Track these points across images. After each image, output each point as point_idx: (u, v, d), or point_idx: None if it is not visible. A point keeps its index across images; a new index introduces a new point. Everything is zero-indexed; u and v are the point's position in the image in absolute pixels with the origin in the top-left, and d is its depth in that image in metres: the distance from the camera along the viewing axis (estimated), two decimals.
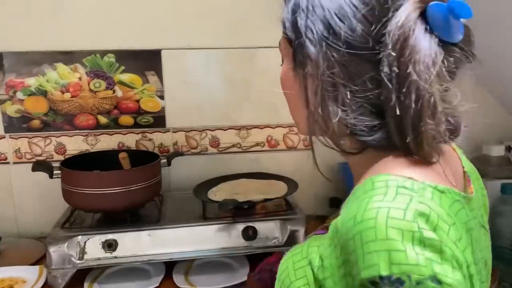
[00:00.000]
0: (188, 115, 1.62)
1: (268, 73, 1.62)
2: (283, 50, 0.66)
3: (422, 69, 0.50)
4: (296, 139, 1.68)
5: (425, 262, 0.45)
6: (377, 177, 0.52)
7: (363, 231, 0.47)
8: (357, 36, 0.54)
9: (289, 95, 0.67)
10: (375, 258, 0.45)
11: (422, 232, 0.46)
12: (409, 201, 0.48)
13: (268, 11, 1.56)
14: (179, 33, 1.57)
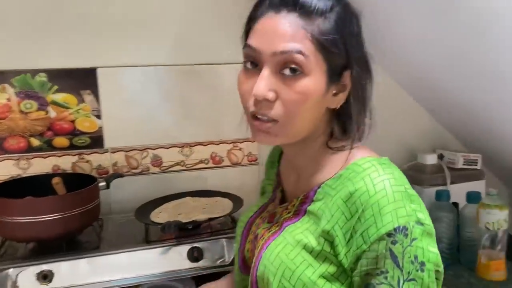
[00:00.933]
0: (127, 134, 1.57)
1: (210, 89, 1.62)
2: (311, 63, 0.65)
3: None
4: (240, 155, 1.68)
5: (413, 212, 0.64)
6: (359, 161, 0.69)
7: (379, 199, 0.63)
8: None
9: (309, 108, 0.68)
10: (389, 217, 0.62)
11: (407, 190, 0.66)
12: (393, 171, 0.68)
13: (208, 27, 1.58)
14: (115, 51, 1.52)
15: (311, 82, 0.65)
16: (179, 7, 1.55)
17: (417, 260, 0.62)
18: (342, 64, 0.68)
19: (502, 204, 1.34)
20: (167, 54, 1.57)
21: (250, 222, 0.86)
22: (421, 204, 0.67)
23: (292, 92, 0.66)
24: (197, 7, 1.57)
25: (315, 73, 0.66)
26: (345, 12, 0.68)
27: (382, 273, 0.62)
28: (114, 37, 1.51)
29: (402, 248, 0.62)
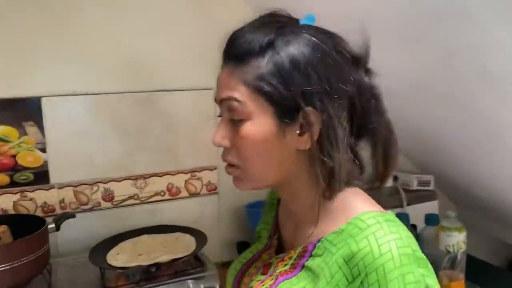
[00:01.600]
0: (75, 168, 1.44)
1: (165, 117, 1.54)
2: (249, 108, 0.64)
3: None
4: (199, 185, 1.60)
5: (421, 277, 0.59)
6: (363, 215, 0.63)
7: (385, 263, 0.58)
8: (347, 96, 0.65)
9: (263, 153, 0.65)
10: (395, 283, 0.57)
11: (415, 253, 0.60)
12: (399, 230, 0.61)
13: (162, 53, 1.50)
14: (61, 78, 1.40)
15: (254, 126, 0.64)
16: (130, 31, 1.46)
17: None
18: (293, 103, 0.63)
19: (460, 226, 1.38)
20: (119, 81, 1.47)
21: (243, 270, 0.79)
22: (428, 267, 0.62)
23: (238, 137, 0.66)
24: (149, 32, 1.49)
25: (258, 117, 0.64)
26: (287, 48, 0.63)
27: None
28: (60, 62, 1.39)
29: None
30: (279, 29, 0.64)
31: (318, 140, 0.63)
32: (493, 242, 1.86)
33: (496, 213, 1.69)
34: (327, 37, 0.65)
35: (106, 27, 1.44)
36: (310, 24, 0.67)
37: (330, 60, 0.63)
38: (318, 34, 0.65)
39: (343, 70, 0.64)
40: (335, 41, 0.66)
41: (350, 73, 0.65)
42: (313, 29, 0.66)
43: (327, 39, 0.65)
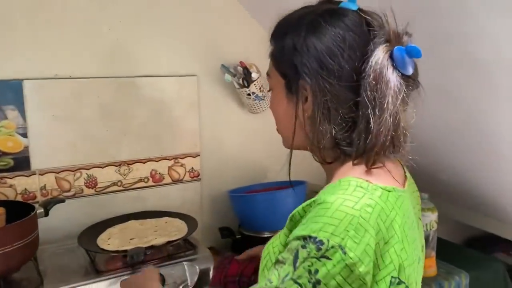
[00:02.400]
0: (57, 154, 1.40)
1: (149, 103, 1.53)
2: (273, 80, 0.80)
3: (392, 94, 0.67)
4: (182, 171, 1.61)
5: (345, 236, 0.61)
6: (344, 178, 0.70)
7: (321, 208, 0.65)
8: (344, 71, 0.71)
9: (281, 117, 0.80)
10: (315, 225, 0.63)
11: (358, 219, 0.63)
12: (362, 196, 0.66)
13: (148, 38, 1.49)
14: (44, 61, 1.35)
15: (275, 95, 0.81)
16: (115, 15, 1.44)
17: (315, 275, 0.61)
18: (293, 75, 0.74)
19: (433, 207, 1.49)
20: (102, 66, 1.44)
21: None
22: (365, 239, 0.62)
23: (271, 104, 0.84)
24: (134, 17, 1.47)
25: (276, 88, 0.79)
26: (296, 34, 0.74)
27: (281, 263, 0.65)
28: (43, 45, 1.35)
29: (307, 255, 0.62)
30: (302, 17, 0.75)
31: (313, 110, 0.73)
32: (452, 223, 2.01)
33: (460, 198, 1.83)
34: (347, 22, 0.72)
35: (90, 11, 1.40)
36: (347, 6, 0.74)
37: (330, 44, 0.71)
38: (336, 21, 0.72)
39: (345, 51, 0.71)
40: (355, 24, 0.72)
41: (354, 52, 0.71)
42: (339, 15, 0.73)
43: (343, 24, 0.72)
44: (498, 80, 1.13)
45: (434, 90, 1.31)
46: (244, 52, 1.62)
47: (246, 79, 1.56)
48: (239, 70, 1.58)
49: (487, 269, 1.61)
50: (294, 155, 0.81)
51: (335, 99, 0.71)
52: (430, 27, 1.11)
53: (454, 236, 2.06)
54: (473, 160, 1.50)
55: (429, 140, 1.57)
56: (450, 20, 1.05)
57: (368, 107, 0.67)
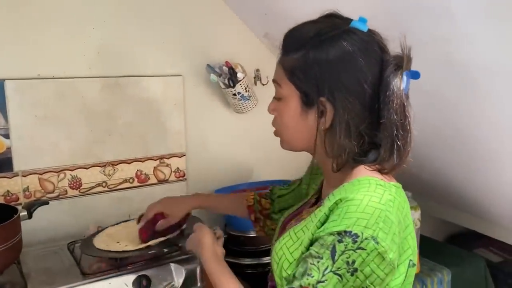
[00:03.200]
0: (41, 155, 1.39)
1: (134, 104, 1.52)
2: (285, 91, 0.82)
3: (410, 117, 0.77)
4: (167, 171, 1.60)
5: (376, 228, 0.69)
6: (362, 178, 0.77)
7: (351, 205, 0.72)
8: (364, 91, 0.76)
9: (290, 125, 0.83)
10: (348, 221, 0.70)
11: (385, 213, 0.71)
12: (383, 192, 0.74)
13: (133, 38, 1.48)
14: (27, 61, 1.33)
15: (286, 105, 0.82)
16: (99, 15, 1.43)
17: (352, 265, 0.68)
18: (314, 93, 0.78)
19: (416, 205, 1.52)
20: (86, 66, 1.43)
21: (287, 221, 0.95)
22: (392, 229, 0.71)
23: (277, 111, 0.86)
24: (119, 16, 1.46)
25: (289, 98, 0.81)
26: (317, 50, 0.77)
27: (318, 257, 0.70)
28: (26, 44, 1.33)
29: (344, 248, 0.68)
30: (321, 33, 0.78)
31: (332, 125, 0.78)
32: (434, 221, 2.05)
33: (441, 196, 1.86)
34: (362, 43, 0.77)
35: (74, 10, 1.39)
36: (358, 27, 0.78)
37: (352, 65, 0.76)
38: (353, 42, 0.76)
39: (363, 73, 0.76)
40: (369, 45, 0.77)
41: (372, 73, 0.76)
42: (354, 35, 0.77)
43: (360, 45, 0.76)
44: (476, 81, 1.15)
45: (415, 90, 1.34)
46: (230, 52, 1.63)
47: (232, 79, 1.56)
48: (225, 70, 1.58)
49: (469, 266, 1.65)
50: (282, 156, 0.84)
51: (355, 117, 0.76)
52: (411, 28, 1.13)
53: (437, 234, 2.10)
54: (453, 159, 1.53)
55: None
56: (431, 21, 1.07)
57: (394, 128, 0.75)
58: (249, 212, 1.18)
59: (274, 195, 1.17)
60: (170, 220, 1.20)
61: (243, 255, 1.56)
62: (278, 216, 1.11)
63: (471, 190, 1.63)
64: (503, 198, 1.54)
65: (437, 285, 1.53)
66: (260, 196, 1.18)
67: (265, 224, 1.16)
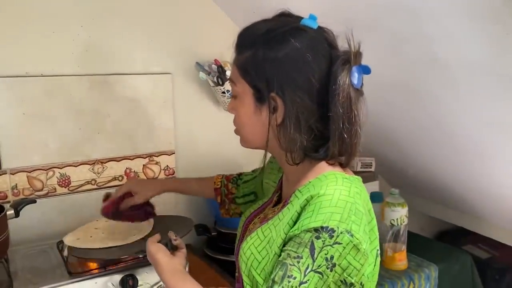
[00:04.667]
0: (29, 153, 1.39)
1: (122, 101, 1.52)
2: (239, 88, 0.83)
3: (356, 111, 0.77)
4: (157, 169, 1.61)
5: (349, 222, 0.72)
6: (328, 173, 0.80)
7: (323, 200, 0.74)
8: (312, 86, 0.77)
9: (246, 122, 0.85)
10: (323, 216, 0.72)
11: (355, 205, 0.74)
12: (350, 185, 0.77)
13: (121, 36, 1.47)
14: (14, 58, 1.33)
15: (241, 102, 0.84)
16: (88, 12, 1.42)
17: (331, 260, 0.70)
18: (265, 89, 0.79)
19: (403, 202, 1.53)
20: (75, 63, 1.43)
21: (250, 219, 0.96)
22: (363, 221, 0.74)
23: (234, 109, 0.87)
24: (107, 14, 1.45)
25: (244, 95, 0.83)
26: (267, 47, 0.78)
27: (298, 257, 0.71)
28: (13, 42, 1.32)
29: (323, 245, 0.70)
30: (270, 30, 0.79)
31: (283, 120, 0.79)
32: (422, 217, 2.07)
33: (428, 192, 1.88)
34: (311, 40, 0.78)
35: (62, 8, 1.38)
36: (307, 24, 0.79)
37: (300, 61, 0.77)
38: (302, 39, 0.78)
39: (311, 69, 0.77)
40: (318, 42, 0.79)
41: (320, 69, 0.77)
42: (303, 32, 0.78)
43: (308, 42, 0.78)
44: (459, 78, 1.17)
45: (399, 88, 1.35)
46: (219, 51, 1.63)
47: (221, 77, 1.57)
48: (214, 68, 1.58)
49: (456, 262, 1.66)
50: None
51: (305, 111, 0.78)
52: (394, 27, 1.14)
53: (425, 230, 2.12)
54: (438, 156, 1.54)
55: (396, 137, 1.61)
56: (414, 20, 1.08)
57: (340, 122, 0.76)
58: (215, 194, 1.20)
59: (241, 181, 1.19)
60: (135, 199, 1.18)
61: (232, 252, 1.56)
62: (241, 200, 1.17)
63: (457, 187, 1.65)
64: (488, 194, 1.56)
65: (424, 281, 1.55)
66: (227, 180, 1.21)
67: (230, 208, 1.19)
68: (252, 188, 1.16)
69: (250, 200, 1.17)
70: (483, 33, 0.99)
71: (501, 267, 2.04)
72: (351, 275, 0.71)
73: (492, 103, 1.17)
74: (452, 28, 1.03)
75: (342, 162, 0.82)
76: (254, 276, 0.78)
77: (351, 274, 0.71)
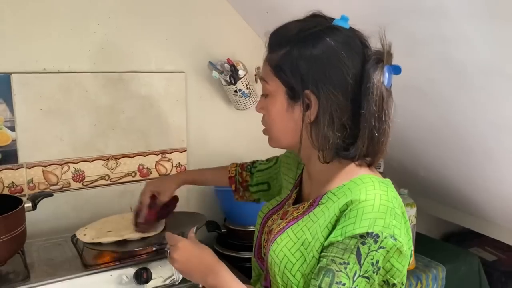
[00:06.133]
0: (45, 148, 1.41)
1: (137, 98, 1.54)
2: (271, 87, 0.84)
3: (387, 110, 0.78)
4: (169, 166, 1.63)
5: (391, 226, 0.74)
6: (362, 176, 0.81)
7: (366, 206, 0.75)
8: (347, 83, 0.78)
9: (277, 120, 0.85)
10: (367, 222, 0.73)
11: (394, 209, 0.76)
12: (387, 189, 0.79)
13: (136, 35, 1.50)
14: (33, 55, 1.36)
15: (273, 101, 0.84)
16: (104, 10, 1.45)
17: (377, 264, 0.73)
18: (299, 86, 0.80)
19: (412, 202, 1.55)
20: (91, 61, 1.45)
21: (268, 215, 0.98)
22: (403, 224, 0.77)
23: (265, 108, 0.87)
24: (123, 12, 1.48)
25: (276, 94, 0.84)
26: (302, 45, 0.79)
27: (344, 263, 0.73)
28: (32, 39, 1.35)
29: (368, 250, 0.72)
30: (304, 29, 0.80)
31: (317, 117, 0.79)
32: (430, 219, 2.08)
33: (435, 193, 1.89)
34: (345, 38, 0.79)
35: (79, 6, 1.41)
36: (340, 24, 0.81)
37: (335, 58, 0.78)
38: (336, 37, 0.79)
39: (346, 66, 0.78)
40: (351, 40, 0.80)
41: (354, 66, 0.78)
42: (337, 31, 0.80)
43: (342, 40, 0.79)
44: (473, 80, 1.18)
45: (413, 89, 1.37)
46: (232, 50, 1.65)
47: (233, 76, 1.59)
48: (226, 68, 1.60)
49: (463, 263, 1.68)
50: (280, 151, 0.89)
51: (338, 109, 0.78)
52: (410, 28, 1.15)
53: (433, 232, 2.13)
54: (449, 156, 1.55)
55: (408, 138, 1.62)
56: (430, 22, 1.10)
57: (372, 119, 0.77)
58: (230, 182, 1.24)
59: (255, 169, 1.22)
60: (162, 198, 1.24)
61: (242, 248, 1.59)
62: (254, 189, 1.20)
63: (466, 188, 1.66)
64: (498, 196, 1.57)
65: (432, 281, 1.56)
66: (242, 168, 1.24)
67: (244, 194, 1.23)
68: (266, 177, 1.19)
69: (263, 189, 1.20)
70: (497, 35, 1.00)
71: (508, 270, 2.04)
72: (394, 276, 0.74)
73: (504, 105, 1.18)
74: (467, 30, 1.04)
75: (368, 162, 0.83)
76: (288, 277, 0.79)
77: (394, 276, 0.74)
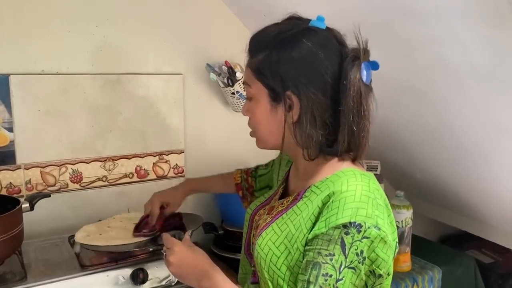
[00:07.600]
0: (43, 149, 1.42)
1: (134, 100, 1.55)
2: (254, 90, 0.86)
3: (366, 105, 0.80)
4: (166, 167, 1.64)
5: (374, 216, 0.75)
6: (345, 170, 0.83)
7: (347, 197, 0.77)
8: (325, 82, 0.80)
9: (262, 123, 0.87)
10: (349, 212, 0.75)
11: (376, 199, 0.78)
12: (369, 181, 0.81)
13: (134, 36, 1.51)
14: (31, 57, 1.37)
15: (256, 103, 0.86)
16: (102, 12, 1.46)
17: (362, 255, 0.74)
18: (280, 88, 0.82)
19: (408, 204, 1.55)
20: (90, 62, 1.46)
21: (255, 212, 0.99)
22: (386, 214, 0.78)
23: (250, 111, 0.89)
24: (121, 14, 1.49)
25: (259, 97, 0.86)
26: (280, 48, 0.81)
27: (330, 255, 0.74)
28: (30, 40, 1.36)
29: (352, 240, 0.73)
30: (281, 32, 0.82)
31: (299, 117, 0.81)
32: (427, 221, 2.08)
33: (431, 195, 1.89)
34: (321, 39, 0.81)
35: (77, 8, 1.42)
36: (316, 25, 0.83)
37: (313, 58, 0.80)
38: (313, 38, 0.81)
39: (324, 66, 0.80)
40: (328, 40, 0.82)
41: (332, 65, 0.80)
42: (314, 32, 0.82)
43: (319, 40, 0.81)
44: (467, 82, 1.19)
45: (409, 91, 1.38)
46: (229, 52, 1.66)
47: (231, 78, 1.59)
48: (224, 70, 1.61)
49: (459, 265, 1.68)
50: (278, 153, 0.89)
51: (319, 107, 0.80)
52: (406, 31, 1.16)
53: (429, 234, 2.14)
54: (444, 159, 1.56)
55: (404, 139, 1.63)
56: (425, 25, 1.11)
57: (350, 115, 0.79)
58: (237, 189, 1.27)
59: (257, 174, 1.25)
60: (171, 209, 1.29)
61: (239, 250, 1.58)
62: (258, 194, 1.22)
63: (462, 190, 1.67)
64: (493, 198, 1.58)
65: (428, 283, 1.57)
66: (247, 174, 1.26)
67: (252, 200, 1.21)
68: (266, 182, 1.21)
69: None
70: (491, 39, 1.01)
71: (505, 272, 2.05)
72: (379, 267, 0.75)
73: (499, 107, 1.19)
74: (462, 33, 1.05)
75: (352, 157, 0.85)
76: (274, 271, 0.81)
77: (379, 266, 0.75)
